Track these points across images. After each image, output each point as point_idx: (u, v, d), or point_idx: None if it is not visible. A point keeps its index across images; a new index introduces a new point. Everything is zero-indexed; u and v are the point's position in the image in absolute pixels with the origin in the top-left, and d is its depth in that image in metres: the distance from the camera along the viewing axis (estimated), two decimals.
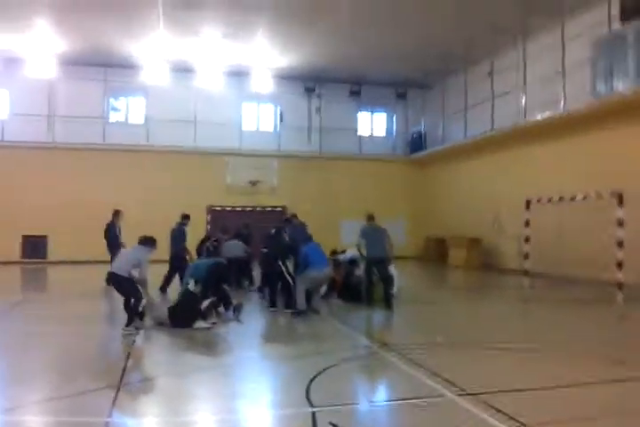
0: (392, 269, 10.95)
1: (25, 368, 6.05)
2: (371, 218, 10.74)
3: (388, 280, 10.55)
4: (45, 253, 20.06)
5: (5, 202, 19.35)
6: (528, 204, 13.70)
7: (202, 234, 19.99)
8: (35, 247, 19.88)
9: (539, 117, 15.12)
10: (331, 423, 4.36)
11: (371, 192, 22.40)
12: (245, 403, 5.05)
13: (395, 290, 10.84)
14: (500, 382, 5.43)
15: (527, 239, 13.73)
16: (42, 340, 7.50)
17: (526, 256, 13.73)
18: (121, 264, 8.09)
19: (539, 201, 13.36)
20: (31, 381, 5.60)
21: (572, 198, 12.33)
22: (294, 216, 12.94)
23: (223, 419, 4.62)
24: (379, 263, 10.36)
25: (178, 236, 12.19)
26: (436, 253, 20.54)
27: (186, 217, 12.81)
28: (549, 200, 13.05)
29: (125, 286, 7.98)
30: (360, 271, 11.06)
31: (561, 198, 12.61)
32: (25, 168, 19.71)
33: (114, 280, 8.06)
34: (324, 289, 10.60)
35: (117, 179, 20.53)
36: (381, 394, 5.12)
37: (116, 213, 13.68)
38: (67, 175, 20.15)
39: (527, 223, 13.65)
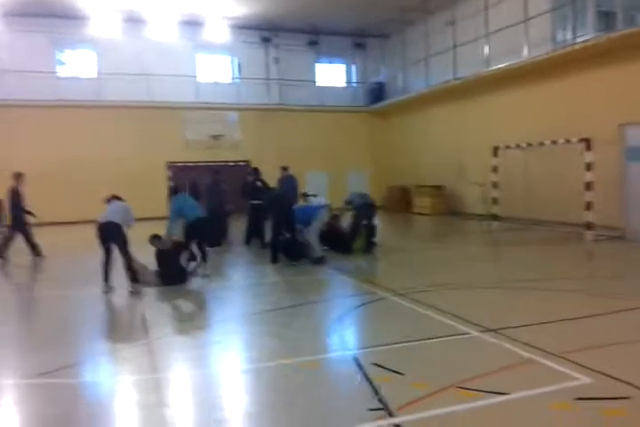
0: (374, 220, 11.22)
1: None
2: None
3: (372, 229, 10.92)
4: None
5: None
6: (496, 150, 14.06)
7: (162, 192, 19.91)
8: None
9: (501, 66, 15.34)
10: (374, 364, 4.59)
11: (333, 143, 22.52)
12: (280, 351, 5.16)
13: (376, 239, 11.18)
14: (511, 319, 5.80)
15: (495, 185, 14.15)
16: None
17: (495, 201, 14.20)
18: (111, 215, 7.97)
19: (507, 147, 13.73)
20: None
21: (541, 144, 12.74)
22: (285, 169, 12.86)
23: (270, 366, 4.77)
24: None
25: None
26: (400, 203, 20.92)
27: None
28: (518, 146, 13.43)
29: (118, 235, 7.85)
30: (345, 223, 11.27)
31: (529, 145, 12.99)
32: None
33: (106, 230, 7.84)
34: None
35: (69, 137, 19.69)
36: (410, 334, 5.36)
37: (19, 177, 11.58)
38: (14, 133, 19.12)
39: (495, 169, 14.05)
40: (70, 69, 20.75)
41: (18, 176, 11.44)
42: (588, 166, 11.52)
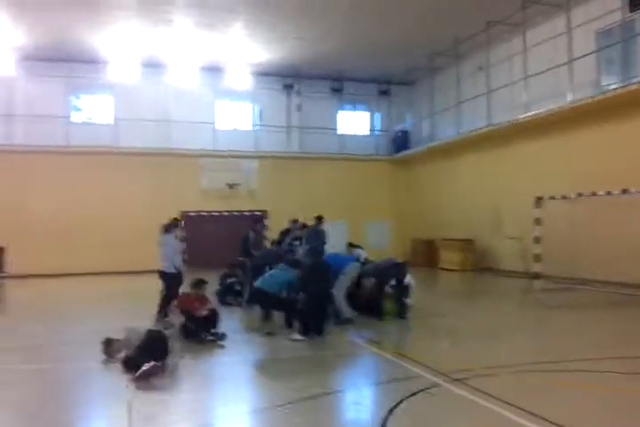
0: (409, 279, 9.91)
1: None
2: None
3: (402, 291, 9.59)
4: (2, 266, 18.26)
5: None
6: (538, 201, 12.79)
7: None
8: None
9: (542, 111, 14.31)
10: None
11: (354, 193, 21.50)
12: None
13: (411, 301, 9.82)
14: (610, 422, 4.41)
15: (537, 240, 12.82)
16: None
17: (537, 258, 12.84)
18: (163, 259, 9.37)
19: (552, 198, 12.48)
20: None
21: (593, 194, 11.51)
22: (320, 219, 11.74)
23: None
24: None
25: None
26: (424, 257, 19.50)
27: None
28: (564, 197, 12.19)
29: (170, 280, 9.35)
30: (370, 282, 9.98)
31: (579, 195, 11.75)
32: None
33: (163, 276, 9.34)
34: None
35: (82, 184, 18.90)
36: None
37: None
38: (27, 180, 18.35)
39: (538, 222, 12.74)
40: (86, 115, 20.20)
41: (175, 222, 10.31)
42: None
